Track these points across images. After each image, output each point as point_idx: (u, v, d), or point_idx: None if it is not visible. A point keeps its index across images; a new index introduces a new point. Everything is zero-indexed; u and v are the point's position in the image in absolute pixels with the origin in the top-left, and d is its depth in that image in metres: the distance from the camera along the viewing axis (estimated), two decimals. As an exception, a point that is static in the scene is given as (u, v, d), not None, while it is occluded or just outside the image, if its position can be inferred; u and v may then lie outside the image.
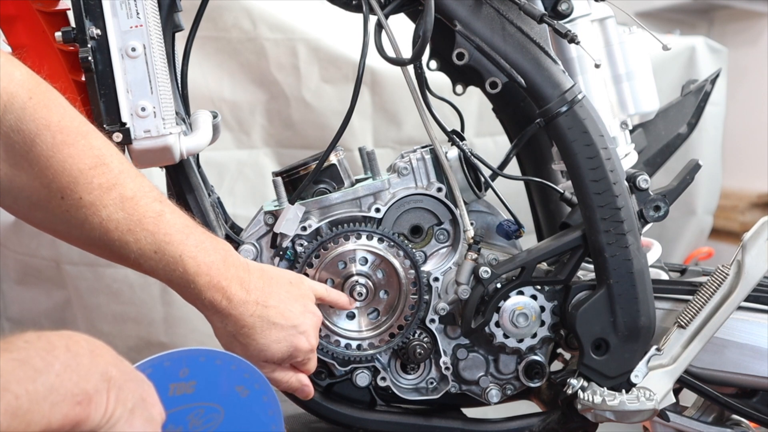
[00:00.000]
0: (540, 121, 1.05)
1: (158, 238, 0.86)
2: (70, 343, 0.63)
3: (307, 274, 1.08)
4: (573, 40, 1.00)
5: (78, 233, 0.86)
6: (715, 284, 1.07)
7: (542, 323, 1.11)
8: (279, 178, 1.10)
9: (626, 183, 1.06)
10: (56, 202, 0.83)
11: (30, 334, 0.61)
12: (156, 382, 0.74)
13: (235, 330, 0.93)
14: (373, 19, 1.08)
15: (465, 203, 1.11)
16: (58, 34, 0.95)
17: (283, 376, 0.99)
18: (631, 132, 1.23)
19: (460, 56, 1.10)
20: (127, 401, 0.65)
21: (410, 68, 1.10)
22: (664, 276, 1.24)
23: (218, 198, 1.15)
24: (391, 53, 1.07)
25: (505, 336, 1.11)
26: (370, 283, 1.10)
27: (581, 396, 1.07)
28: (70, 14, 0.97)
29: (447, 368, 1.14)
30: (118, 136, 0.96)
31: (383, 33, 1.08)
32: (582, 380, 1.08)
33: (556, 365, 1.24)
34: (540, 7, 1.09)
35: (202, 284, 0.89)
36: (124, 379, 0.66)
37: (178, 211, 0.90)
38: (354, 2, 1.13)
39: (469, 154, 1.11)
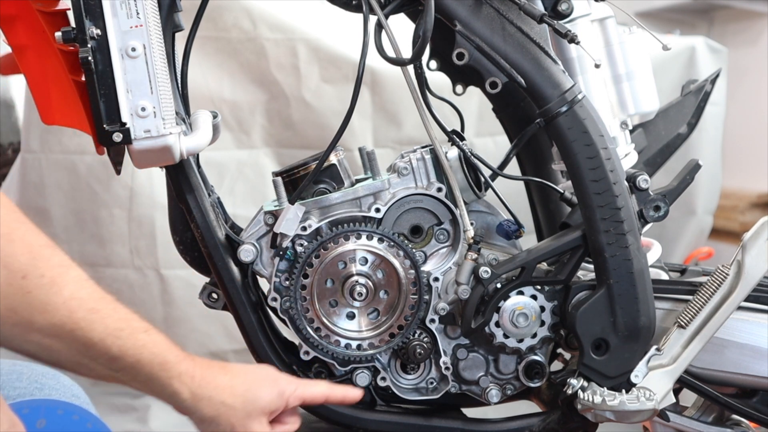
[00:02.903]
0: (540, 121, 1.05)
1: (122, 315, 0.85)
2: None
3: (307, 275, 1.08)
4: (573, 40, 1.00)
5: (41, 319, 0.81)
6: (715, 284, 1.07)
7: (542, 323, 1.11)
8: (279, 178, 1.10)
9: (626, 183, 1.06)
10: (17, 283, 0.79)
11: None
12: None
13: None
14: (373, 19, 1.08)
15: (465, 203, 1.11)
16: (58, 34, 0.95)
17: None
18: (631, 132, 1.24)
19: (460, 56, 1.10)
20: None
21: (410, 68, 1.10)
22: (664, 276, 1.24)
23: (218, 198, 1.15)
24: (391, 53, 1.07)
25: (505, 336, 1.11)
26: (370, 283, 1.10)
27: (581, 396, 1.07)
28: (70, 14, 0.97)
29: (447, 368, 1.13)
30: (118, 136, 0.96)
31: (383, 33, 1.08)
32: (582, 380, 1.08)
33: (556, 365, 1.24)
34: (540, 7, 1.09)
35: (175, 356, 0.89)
36: None
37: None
38: (354, 2, 1.13)
39: (469, 154, 1.11)
